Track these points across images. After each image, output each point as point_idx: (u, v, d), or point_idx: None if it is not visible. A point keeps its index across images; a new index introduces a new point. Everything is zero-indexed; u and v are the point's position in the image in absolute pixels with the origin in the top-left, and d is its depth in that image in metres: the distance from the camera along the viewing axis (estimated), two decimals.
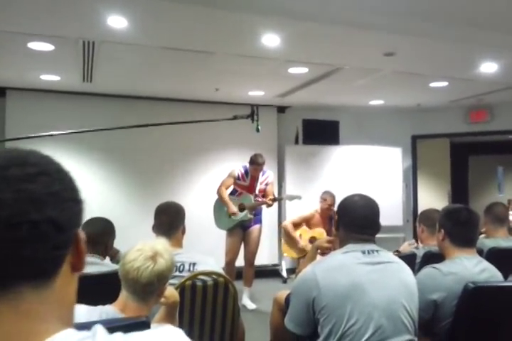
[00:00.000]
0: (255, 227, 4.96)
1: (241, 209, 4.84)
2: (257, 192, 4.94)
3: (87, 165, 5.82)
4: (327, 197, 5.32)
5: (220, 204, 5.00)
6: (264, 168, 5.02)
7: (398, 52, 4.07)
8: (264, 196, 4.94)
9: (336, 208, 2.15)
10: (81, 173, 5.81)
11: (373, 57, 4.23)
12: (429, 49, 4.03)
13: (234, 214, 4.81)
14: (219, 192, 4.96)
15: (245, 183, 4.96)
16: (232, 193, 5.02)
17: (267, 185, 4.98)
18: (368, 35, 3.66)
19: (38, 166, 0.63)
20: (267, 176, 5.01)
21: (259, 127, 3.33)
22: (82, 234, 0.66)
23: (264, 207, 5.01)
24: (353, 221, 1.92)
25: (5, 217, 0.58)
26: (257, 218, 4.97)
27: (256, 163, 4.84)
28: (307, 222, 5.39)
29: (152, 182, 6.10)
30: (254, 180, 4.96)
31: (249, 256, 4.98)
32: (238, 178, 4.97)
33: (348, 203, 2.00)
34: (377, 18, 3.33)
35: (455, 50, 4.04)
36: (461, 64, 4.52)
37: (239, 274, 5.04)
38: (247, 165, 4.97)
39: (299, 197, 5.04)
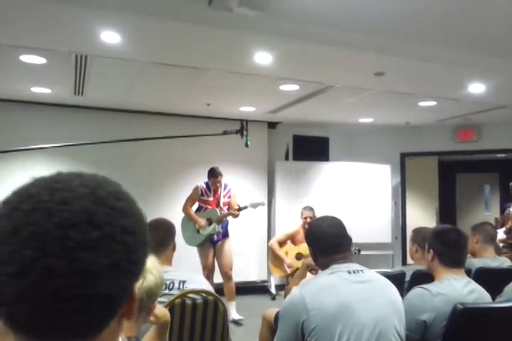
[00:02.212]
0: (223, 241, 5.02)
1: (209, 223, 4.92)
2: (221, 205, 5.03)
3: None
4: (303, 211, 5.38)
5: (186, 222, 5.07)
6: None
7: (388, 72, 4.13)
8: (229, 209, 5.02)
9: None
10: None
11: (364, 76, 4.29)
12: (418, 70, 4.10)
13: (203, 226, 4.88)
14: (185, 210, 5.05)
15: (209, 198, 5.05)
16: (197, 210, 5.10)
17: (230, 197, 5.07)
18: (359, 56, 3.71)
19: (103, 227, 0.54)
20: (229, 189, 5.12)
21: (249, 142, 3.34)
22: (135, 289, 0.60)
23: (230, 219, 5.07)
24: (328, 243, 1.93)
25: (54, 289, 0.51)
26: (223, 231, 5.03)
27: (214, 176, 4.95)
28: (292, 238, 5.41)
29: (141, 197, 6.00)
30: (217, 193, 5.05)
31: (225, 270, 4.99)
32: (202, 194, 5.06)
33: (315, 230, 2.02)
34: (367, 38, 3.39)
35: (444, 71, 4.12)
36: (449, 84, 4.60)
37: (221, 290, 5.00)
38: (208, 180, 5.08)
39: (262, 204, 5.14)
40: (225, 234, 5.06)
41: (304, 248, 5.23)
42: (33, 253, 0.51)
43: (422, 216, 8.30)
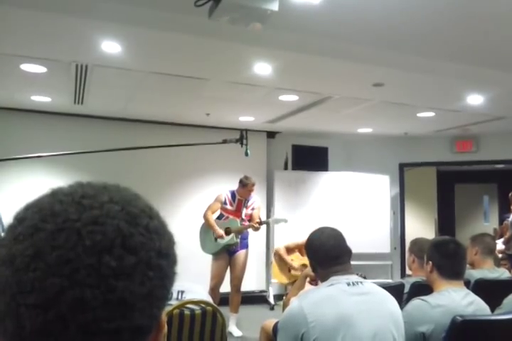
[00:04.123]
0: (241, 252, 4.92)
1: (227, 233, 4.82)
2: (243, 216, 4.93)
3: None
4: None
5: (205, 229, 4.99)
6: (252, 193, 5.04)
7: (387, 84, 4.16)
8: (250, 221, 4.93)
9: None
10: None
11: (362, 87, 4.32)
12: (416, 81, 4.13)
13: (220, 236, 4.78)
14: (205, 217, 4.95)
15: (232, 208, 4.96)
16: (218, 218, 5.01)
17: (253, 209, 4.98)
18: (358, 67, 3.74)
19: (139, 251, 0.48)
20: (254, 201, 5.03)
21: (249, 151, 3.35)
22: (164, 319, 0.54)
23: (251, 231, 4.99)
24: (326, 255, 1.92)
25: (84, 323, 0.44)
26: (244, 242, 4.94)
27: (250, 184, 4.86)
28: (300, 249, 5.39)
29: None
30: (241, 204, 4.97)
31: (236, 282, 4.92)
32: (225, 203, 4.97)
33: (313, 242, 2.01)
34: (366, 50, 3.42)
35: (442, 82, 4.14)
36: (447, 96, 4.63)
37: (225, 300, 4.98)
38: (234, 189, 5.00)
39: (284, 220, 5.07)
40: (245, 246, 4.96)
41: None
42: (60, 281, 0.44)
43: (420, 226, 8.29)
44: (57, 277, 0.44)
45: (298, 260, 5.37)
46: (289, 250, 5.39)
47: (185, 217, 6.16)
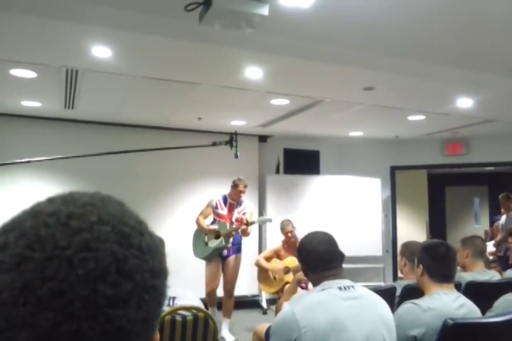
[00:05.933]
0: (233, 257, 4.92)
1: (217, 237, 4.81)
2: (234, 220, 4.93)
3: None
4: (282, 225, 5.33)
5: (197, 233, 4.99)
6: (243, 197, 5.03)
7: (377, 87, 4.18)
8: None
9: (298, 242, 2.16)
10: None
11: (353, 91, 4.34)
12: (406, 85, 4.16)
13: (212, 231, 4.78)
14: (197, 221, 4.96)
15: (223, 212, 4.96)
16: (212, 223, 5.00)
17: (244, 214, 4.97)
18: (348, 71, 3.76)
19: (134, 276, 0.45)
20: (245, 206, 5.03)
21: (238, 153, 3.33)
22: (156, 335, 0.52)
23: (243, 236, 4.98)
24: (318, 260, 1.92)
25: None
26: (236, 247, 4.93)
27: (241, 185, 4.87)
28: (277, 253, 5.39)
29: None
30: (233, 208, 4.97)
31: (229, 287, 4.91)
32: (216, 207, 4.98)
33: (305, 246, 2.02)
34: (357, 54, 3.44)
35: (432, 86, 4.17)
36: (437, 99, 4.66)
37: (218, 305, 4.96)
38: (226, 194, 5.00)
39: (269, 220, 5.10)
40: (237, 250, 4.94)
41: (289, 261, 5.20)
42: (54, 315, 0.41)
43: (412, 229, 8.33)
44: (51, 311, 0.41)
45: (278, 265, 5.38)
46: (268, 258, 5.39)
47: (178, 221, 6.14)
